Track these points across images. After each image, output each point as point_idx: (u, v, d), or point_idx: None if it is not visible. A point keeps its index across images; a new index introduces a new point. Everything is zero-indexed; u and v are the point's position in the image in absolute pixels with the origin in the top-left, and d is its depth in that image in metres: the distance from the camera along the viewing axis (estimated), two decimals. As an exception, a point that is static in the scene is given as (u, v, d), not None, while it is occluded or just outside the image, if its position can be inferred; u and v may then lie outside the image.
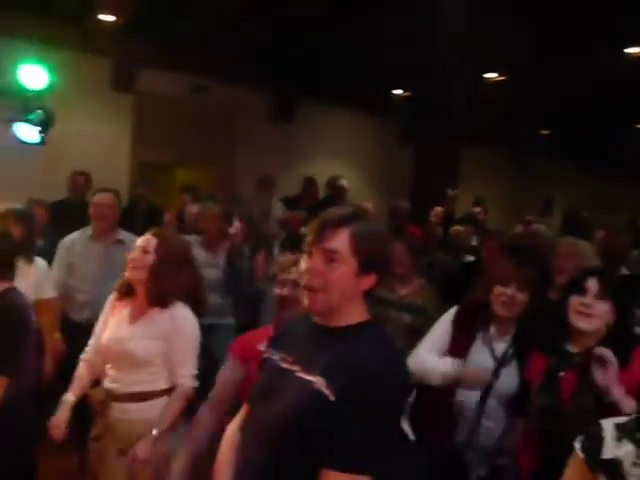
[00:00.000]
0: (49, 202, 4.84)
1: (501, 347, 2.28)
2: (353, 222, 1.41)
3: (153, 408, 2.29)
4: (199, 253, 4.01)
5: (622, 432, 1.38)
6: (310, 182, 6.34)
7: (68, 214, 4.60)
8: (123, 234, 3.85)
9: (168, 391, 2.34)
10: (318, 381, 1.34)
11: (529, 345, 2.23)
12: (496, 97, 7.02)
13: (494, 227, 7.14)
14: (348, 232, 1.40)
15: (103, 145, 6.38)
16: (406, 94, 8.14)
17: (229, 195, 5.93)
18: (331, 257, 1.39)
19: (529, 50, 5.65)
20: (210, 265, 3.96)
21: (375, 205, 6.42)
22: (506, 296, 2.23)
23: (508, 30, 5.29)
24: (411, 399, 2.36)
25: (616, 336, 1.99)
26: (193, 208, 4.82)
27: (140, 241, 2.39)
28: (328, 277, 1.39)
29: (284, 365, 1.46)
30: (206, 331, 3.95)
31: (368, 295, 1.47)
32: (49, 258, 3.63)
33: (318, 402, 1.32)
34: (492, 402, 2.23)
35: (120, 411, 2.32)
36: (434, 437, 2.27)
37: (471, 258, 5.06)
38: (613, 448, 1.37)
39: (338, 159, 8.66)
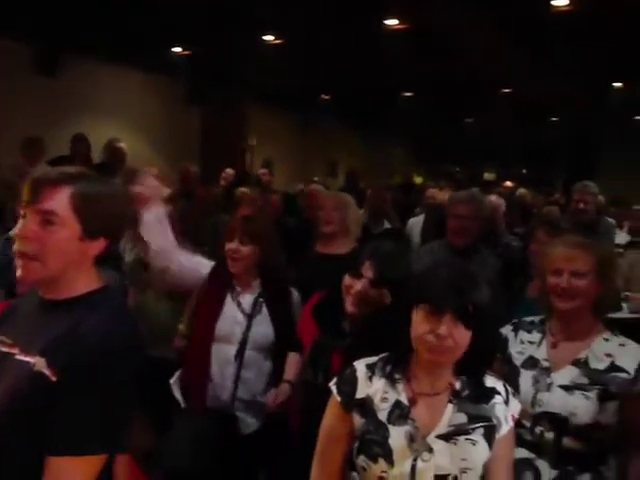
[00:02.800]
0: None
1: (248, 300, 2.31)
2: (75, 181, 1.27)
3: None
4: None
5: (372, 370, 1.45)
6: (78, 139, 5.77)
7: None
8: None
9: None
10: (38, 362, 1.20)
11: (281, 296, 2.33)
12: (275, 59, 7.14)
13: (281, 188, 7.39)
14: (68, 192, 1.25)
15: None
16: (186, 52, 7.86)
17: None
18: (48, 219, 1.23)
19: (302, 16, 5.82)
20: None
21: (159, 169, 6.17)
22: (231, 250, 2.25)
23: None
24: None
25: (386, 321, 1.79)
26: None
27: None
28: (44, 242, 1.23)
29: (3, 349, 1.30)
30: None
31: (103, 260, 1.36)
32: None
33: (38, 385, 1.19)
34: (249, 353, 2.27)
35: None
36: (200, 400, 2.26)
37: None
38: (365, 387, 1.43)
39: (117, 119, 8.09)
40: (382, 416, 1.40)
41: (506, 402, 1.42)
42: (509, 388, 1.46)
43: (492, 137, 14.09)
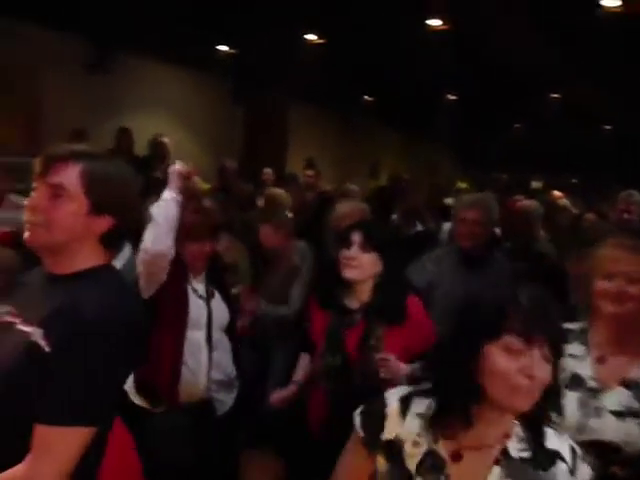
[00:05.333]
0: None
1: (201, 285, 2.41)
2: (86, 159, 1.33)
3: None
4: None
5: (406, 405, 1.21)
6: (123, 133, 5.96)
7: None
8: None
9: None
10: (35, 332, 1.26)
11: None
12: (318, 59, 7.16)
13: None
14: (79, 168, 1.31)
15: None
16: (232, 51, 7.98)
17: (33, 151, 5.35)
18: (56, 193, 1.30)
19: (343, 16, 5.82)
20: None
21: (198, 165, 6.29)
22: (200, 252, 2.33)
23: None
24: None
25: (387, 286, 2.06)
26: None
27: None
28: (51, 214, 1.29)
29: (8, 318, 1.36)
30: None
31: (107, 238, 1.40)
32: None
33: (33, 354, 1.24)
34: (215, 334, 2.38)
35: None
36: (175, 394, 2.26)
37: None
38: (396, 425, 1.20)
39: (163, 115, 8.28)
40: (410, 464, 1.17)
41: (572, 471, 1.16)
42: (577, 450, 1.19)
43: (541, 144, 13.70)
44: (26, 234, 1.32)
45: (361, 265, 2.04)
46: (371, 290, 2.07)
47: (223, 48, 8.06)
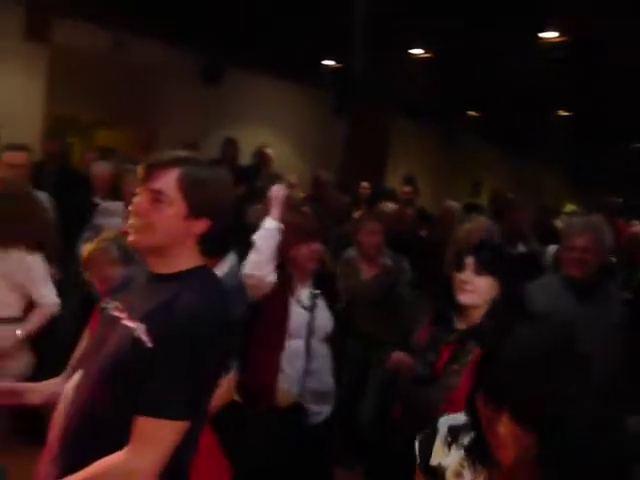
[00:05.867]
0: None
1: (305, 294, 2.41)
2: (184, 164, 1.39)
3: None
4: (116, 222, 3.48)
5: (454, 437, 1.20)
6: (229, 143, 6.20)
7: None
8: None
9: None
10: (138, 327, 1.33)
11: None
12: (423, 74, 7.10)
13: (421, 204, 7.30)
14: (177, 174, 1.38)
15: (13, 96, 6.10)
16: (337, 65, 8.11)
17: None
18: (157, 198, 1.37)
19: (452, 31, 5.72)
20: None
21: (298, 176, 6.44)
22: (317, 253, 2.36)
23: (435, 8, 5.35)
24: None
25: (498, 311, 1.97)
26: (101, 168, 4.66)
27: None
28: (152, 218, 1.37)
29: (115, 313, 1.45)
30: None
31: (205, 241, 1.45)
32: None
33: (136, 348, 1.32)
34: (314, 343, 2.36)
35: None
36: (271, 398, 2.30)
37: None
38: (441, 454, 1.20)
39: (268, 127, 8.56)
40: None
41: None
42: None
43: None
44: (130, 237, 1.41)
45: (476, 289, 1.98)
46: (484, 314, 2.00)
47: (329, 62, 8.21)
